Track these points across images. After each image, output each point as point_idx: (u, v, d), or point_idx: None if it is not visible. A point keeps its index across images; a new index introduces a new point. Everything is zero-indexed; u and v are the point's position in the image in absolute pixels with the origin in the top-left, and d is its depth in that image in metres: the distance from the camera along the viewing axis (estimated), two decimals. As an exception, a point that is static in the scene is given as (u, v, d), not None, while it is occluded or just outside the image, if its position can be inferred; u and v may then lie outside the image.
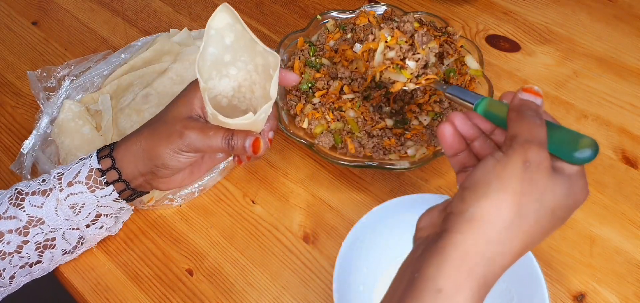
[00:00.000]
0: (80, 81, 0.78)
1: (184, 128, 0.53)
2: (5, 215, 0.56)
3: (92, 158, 0.57)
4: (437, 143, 0.64)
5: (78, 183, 0.56)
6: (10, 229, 0.55)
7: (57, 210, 0.56)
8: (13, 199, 0.56)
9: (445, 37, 0.73)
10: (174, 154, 0.54)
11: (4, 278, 0.57)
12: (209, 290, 0.61)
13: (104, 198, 0.57)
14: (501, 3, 0.88)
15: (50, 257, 0.59)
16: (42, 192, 0.56)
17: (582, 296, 0.59)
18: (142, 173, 0.56)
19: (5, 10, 0.95)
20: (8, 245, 0.55)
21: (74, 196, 0.56)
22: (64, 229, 0.58)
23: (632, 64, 0.78)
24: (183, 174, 0.58)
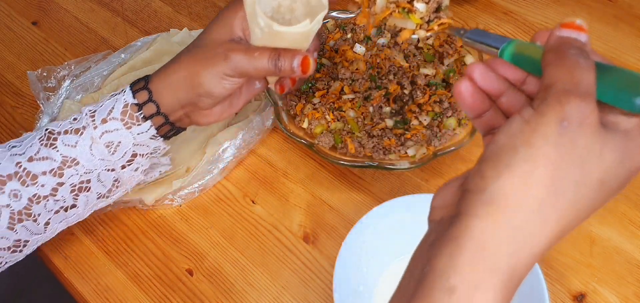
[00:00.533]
0: (80, 81, 0.78)
1: (227, 50, 0.51)
2: (37, 156, 0.53)
3: (126, 92, 0.54)
4: (437, 143, 0.64)
5: (113, 119, 0.53)
6: (44, 170, 0.52)
7: (92, 149, 0.53)
8: (44, 139, 0.53)
9: (445, 37, 0.73)
10: (219, 80, 0.51)
11: (38, 224, 0.54)
12: (209, 290, 0.61)
13: (141, 136, 0.54)
14: (501, 3, 0.88)
15: (85, 201, 0.56)
16: (75, 131, 0.53)
17: (582, 296, 0.59)
18: (183, 105, 0.54)
19: (5, 10, 0.95)
20: (42, 187, 0.53)
21: (109, 134, 0.53)
22: (99, 170, 0.54)
23: (632, 64, 0.78)
24: (222, 106, 0.55)
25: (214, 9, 0.92)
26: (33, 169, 0.53)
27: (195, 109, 0.54)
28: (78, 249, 0.65)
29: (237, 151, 0.69)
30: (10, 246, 0.54)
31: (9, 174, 0.52)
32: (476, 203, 0.32)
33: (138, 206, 0.68)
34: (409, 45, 0.72)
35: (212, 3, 0.93)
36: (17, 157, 0.53)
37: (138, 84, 0.54)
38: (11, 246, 0.54)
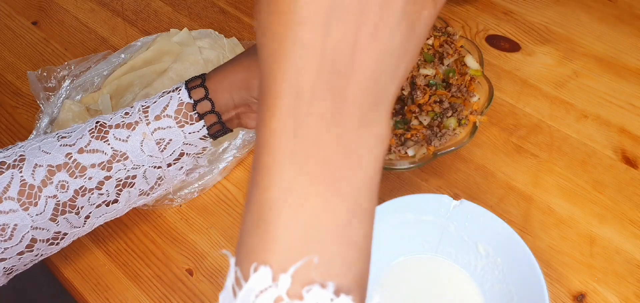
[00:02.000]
0: (80, 81, 0.78)
1: None
2: (88, 148, 0.52)
3: (182, 90, 0.53)
4: (437, 143, 0.64)
5: (167, 116, 0.53)
6: (94, 163, 0.52)
7: (142, 145, 0.53)
8: (95, 132, 0.53)
9: (445, 37, 0.73)
10: None
11: (80, 217, 0.54)
12: (209, 290, 0.61)
13: (192, 135, 0.54)
14: (501, 3, 0.88)
15: (127, 197, 0.56)
16: (127, 125, 0.53)
17: (582, 296, 0.59)
18: (237, 105, 0.54)
19: (5, 10, 0.95)
20: (90, 180, 0.52)
21: (162, 131, 0.53)
22: (146, 166, 0.54)
23: (632, 64, 0.78)
24: None
25: (214, 9, 0.92)
26: (83, 161, 0.52)
27: (248, 111, 0.55)
28: (78, 249, 0.65)
29: (237, 151, 0.69)
30: (50, 238, 0.53)
31: (58, 164, 0.52)
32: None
33: (138, 206, 0.68)
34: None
35: (212, 3, 0.93)
36: (67, 148, 0.52)
37: (194, 81, 0.54)
38: (50, 238, 0.53)
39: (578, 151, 0.69)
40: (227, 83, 0.53)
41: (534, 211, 0.65)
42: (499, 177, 0.68)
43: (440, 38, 0.73)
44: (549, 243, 0.62)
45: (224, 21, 0.90)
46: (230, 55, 0.80)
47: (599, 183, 0.66)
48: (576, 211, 0.64)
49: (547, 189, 0.66)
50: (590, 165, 0.68)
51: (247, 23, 0.89)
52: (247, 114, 0.55)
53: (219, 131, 0.56)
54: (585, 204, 0.65)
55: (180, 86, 0.54)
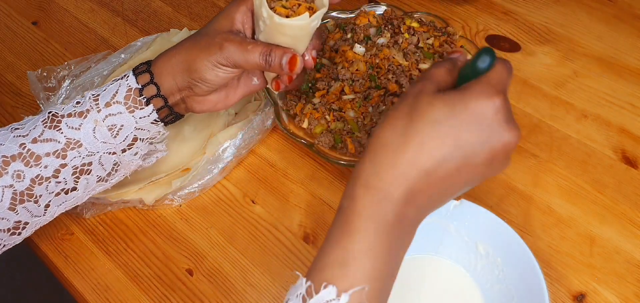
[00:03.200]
0: (80, 81, 0.78)
1: (223, 40, 0.54)
2: (41, 137, 0.54)
3: (129, 77, 0.56)
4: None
5: (116, 103, 0.55)
6: (48, 152, 0.54)
7: (95, 132, 0.55)
8: (48, 121, 0.55)
9: (445, 37, 0.73)
10: (212, 67, 0.54)
11: (39, 206, 0.55)
12: (209, 290, 0.61)
13: (143, 120, 0.56)
14: (501, 3, 0.88)
15: (85, 184, 0.57)
16: (78, 114, 0.55)
17: (582, 296, 0.59)
18: (180, 88, 0.56)
19: (5, 10, 0.95)
20: (45, 169, 0.54)
21: (113, 117, 0.55)
22: (101, 153, 0.56)
23: (632, 64, 0.78)
24: (218, 96, 0.58)
25: (214, 9, 0.92)
26: (37, 151, 0.54)
27: (192, 94, 0.57)
28: (78, 249, 0.65)
29: (237, 151, 0.69)
30: (10, 228, 0.55)
31: (12, 155, 0.53)
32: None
33: (138, 206, 0.68)
34: (409, 44, 0.72)
35: (212, 3, 0.93)
36: (20, 139, 0.54)
37: (140, 67, 0.56)
38: (11, 228, 0.55)
39: (578, 151, 0.69)
40: (169, 67, 0.56)
41: (534, 211, 0.65)
42: (499, 177, 0.68)
43: (440, 38, 0.73)
44: (549, 243, 0.62)
45: (224, 21, 0.90)
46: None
47: (599, 183, 0.66)
48: (576, 211, 0.64)
49: (547, 189, 0.66)
50: (590, 165, 0.68)
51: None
52: (192, 98, 0.57)
53: (168, 116, 0.58)
54: (585, 204, 0.65)
55: (129, 73, 0.56)
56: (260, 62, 0.54)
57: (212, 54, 0.54)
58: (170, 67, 0.56)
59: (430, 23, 0.75)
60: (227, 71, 0.55)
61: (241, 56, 0.53)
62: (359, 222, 0.41)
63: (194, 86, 0.56)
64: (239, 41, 0.54)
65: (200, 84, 0.55)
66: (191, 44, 0.56)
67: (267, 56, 0.53)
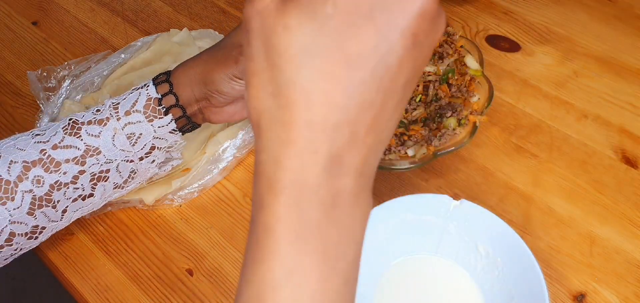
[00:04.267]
0: (80, 81, 0.78)
1: (240, 54, 0.53)
2: (61, 144, 0.55)
3: (149, 86, 0.56)
4: (437, 143, 0.64)
5: (136, 111, 0.56)
6: (68, 158, 0.54)
7: (114, 140, 0.55)
8: (68, 128, 0.55)
9: (445, 37, 0.73)
10: (228, 80, 0.54)
11: (57, 211, 0.56)
12: (209, 290, 0.61)
13: (161, 129, 0.57)
14: (501, 3, 0.88)
15: (102, 191, 0.58)
16: (98, 121, 0.56)
17: (582, 296, 0.59)
18: (197, 99, 0.56)
19: (5, 10, 0.95)
20: (64, 175, 0.54)
21: (132, 126, 0.56)
22: (119, 160, 0.57)
23: (632, 64, 0.78)
24: (235, 107, 0.58)
25: (214, 9, 0.92)
26: (57, 157, 0.54)
27: (209, 105, 0.57)
28: (78, 249, 0.65)
29: (237, 151, 0.69)
30: (28, 232, 0.55)
31: (33, 160, 0.54)
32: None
33: (138, 206, 0.68)
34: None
35: (212, 3, 0.93)
36: (41, 145, 0.55)
37: (160, 77, 0.57)
38: (29, 232, 0.55)
39: (578, 151, 0.69)
40: (187, 78, 0.56)
41: (534, 211, 0.65)
42: (499, 177, 0.68)
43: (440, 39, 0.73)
44: (549, 243, 0.62)
45: (224, 21, 0.90)
46: (230, 55, 0.80)
47: (599, 183, 0.66)
48: (576, 211, 0.64)
49: (547, 189, 0.66)
50: (590, 165, 0.68)
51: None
52: (209, 109, 0.57)
53: (185, 125, 0.59)
54: (585, 204, 0.65)
55: (149, 82, 0.57)
56: None
57: (229, 67, 0.54)
58: (188, 79, 0.56)
59: (430, 23, 0.75)
60: (242, 84, 0.54)
61: None
62: (270, 240, 0.30)
63: (210, 97, 0.56)
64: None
65: (217, 96, 0.56)
66: (208, 57, 0.56)
67: None
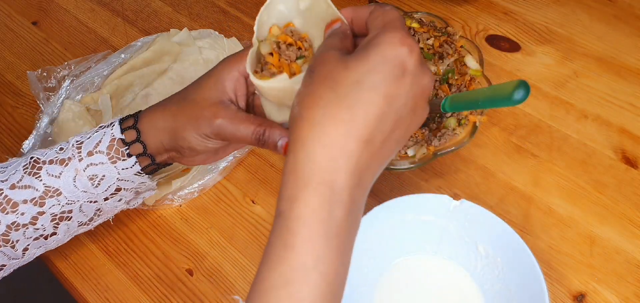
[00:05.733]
0: (80, 81, 0.78)
1: (213, 114, 0.50)
2: (19, 183, 0.52)
3: (115, 126, 0.53)
4: (437, 143, 0.64)
5: (98, 152, 0.53)
6: (25, 199, 0.52)
7: (75, 181, 0.53)
8: (28, 167, 0.53)
9: (445, 37, 0.73)
10: (201, 139, 0.51)
11: (16, 250, 0.54)
12: (209, 290, 0.61)
13: (125, 171, 0.54)
14: (501, 3, 0.88)
15: (66, 229, 0.56)
16: (60, 161, 0.53)
17: (582, 296, 0.59)
18: (167, 149, 0.54)
19: (5, 10, 0.95)
20: (22, 216, 0.52)
21: (94, 167, 0.53)
22: (82, 201, 0.54)
23: (632, 64, 0.78)
24: (207, 154, 0.55)
25: (213, 9, 0.92)
26: (14, 197, 0.52)
27: (179, 155, 0.54)
28: (78, 249, 0.65)
29: (237, 151, 0.69)
30: None
31: None
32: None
33: (138, 207, 0.68)
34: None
35: (212, 3, 0.93)
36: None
37: (127, 121, 0.54)
38: None
39: (578, 151, 0.69)
40: (156, 128, 0.53)
41: (534, 211, 0.65)
42: (499, 177, 0.68)
43: (440, 38, 0.73)
44: (549, 243, 0.62)
45: (224, 21, 0.90)
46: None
47: (599, 183, 0.66)
48: (576, 211, 0.64)
49: (547, 189, 0.66)
50: (590, 165, 0.68)
51: (247, 23, 0.89)
52: (179, 158, 0.54)
53: (150, 166, 0.55)
54: (585, 204, 0.65)
55: (115, 121, 0.54)
56: (252, 140, 0.50)
57: (201, 127, 0.51)
58: (157, 130, 0.53)
59: (431, 23, 0.75)
60: (216, 143, 0.52)
61: (232, 133, 0.50)
62: (304, 230, 0.36)
63: (181, 150, 0.53)
64: (230, 115, 0.50)
65: (188, 151, 0.53)
66: (179, 112, 0.52)
67: (261, 136, 0.49)
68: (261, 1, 0.49)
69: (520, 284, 0.54)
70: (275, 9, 0.48)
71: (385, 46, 0.39)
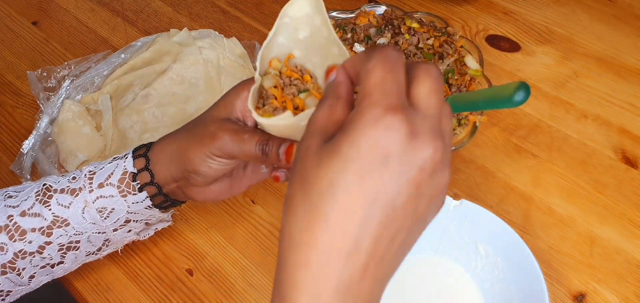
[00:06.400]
0: (80, 81, 0.78)
1: (218, 129, 0.48)
2: (30, 211, 0.52)
3: (128, 159, 0.52)
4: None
5: (109, 185, 0.52)
6: (34, 227, 0.52)
7: (84, 213, 0.52)
8: (40, 195, 0.52)
9: (445, 37, 0.73)
10: (205, 158, 0.49)
11: (22, 277, 0.53)
12: (209, 290, 0.62)
13: (136, 205, 0.53)
14: (501, 3, 0.88)
15: (73, 258, 0.55)
16: (71, 191, 0.52)
17: (582, 296, 0.59)
18: (175, 178, 0.52)
19: (5, 10, 0.95)
20: (30, 244, 0.52)
21: (103, 200, 0.52)
22: (90, 232, 0.54)
23: (632, 64, 0.78)
24: (220, 186, 0.53)
25: (213, 9, 0.92)
26: (23, 225, 0.52)
27: (188, 185, 0.52)
28: (78, 249, 0.65)
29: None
30: None
31: None
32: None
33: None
34: (409, 45, 0.72)
35: (212, 3, 0.93)
36: (10, 209, 0.52)
37: (140, 149, 0.53)
38: None
39: (578, 151, 0.69)
40: (165, 155, 0.52)
41: (534, 211, 0.65)
42: (499, 177, 0.68)
43: (440, 38, 0.73)
44: (549, 243, 0.62)
45: (224, 21, 0.90)
46: (230, 55, 0.80)
47: (599, 183, 0.66)
48: (576, 211, 0.64)
49: (547, 189, 0.66)
50: (590, 165, 0.68)
51: (247, 23, 0.89)
52: (190, 188, 0.52)
53: (163, 202, 0.54)
54: (585, 204, 0.65)
55: (129, 153, 0.53)
56: (256, 152, 0.47)
57: (205, 144, 0.49)
58: (165, 156, 0.51)
59: (431, 23, 0.75)
60: (221, 163, 0.49)
61: (236, 146, 0.48)
62: None
63: (188, 176, 0.51)
64: (234, 129, 0.48)
65: (195, 176, 0.50)
66: (185, 132, 0.51)
67: (264, 145, 0.47)
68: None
69: (520, 284, 0.54)
70: (275, 42, 0.47)
71: (356, 132, 0.32)
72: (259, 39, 0.85)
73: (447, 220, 0.58)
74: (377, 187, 0.32)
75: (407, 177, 0.32)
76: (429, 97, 0.34)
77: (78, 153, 0.69)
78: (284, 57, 0.48)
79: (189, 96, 0.75)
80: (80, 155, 0.69)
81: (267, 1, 0.92)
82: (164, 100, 0.74)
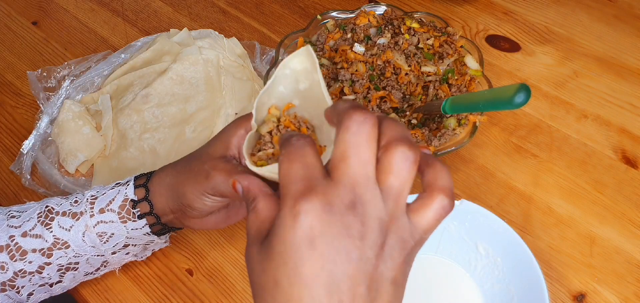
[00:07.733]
0: (80, 81, 0.78)
1: (211, 168, 0.48)
2: (31, 232, 0.53)
3: (129, 186, 0.54)
4: (437, 143, 0.64)
5: (110, 211, 0.53)
6: (35, 248, 0.53)
7: (84, 236, 0.53)
8: (42, 216, 0.54)
9: (445, 37, 0.73)
10: (199, 196, 0.49)
11: (21, 295, 0.55)
12: (209, 290, 0.61)
13: (135, 231, 0.54)
14: (501, 3, 0.88)
15: (72, 278, 0.56)
16: (72, 214, 0.54)
17: (582, 296, 0.59)
18: (172, 210, 0.53)
19: (5, 10, 0.95)
20: (30, 264, 0.53)
21: (104, 224, 0.53)
22: (89, 255, 0.55)
23: (632, 64, 0.78)
24: (217, 217, 0.53)
25: (213, 9, 0.92)
26: (24, 245, 0.53)
27: (185, 216, 0.53)
28: (78, 249, 0.65)
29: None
30: None
31: (0, 245, 0.53)
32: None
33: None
34: (409, 45, 0.72)
35: (212, 3, 0.93)
36: (12, 229, 0.53)
37: (141, 178, 0.54)
38: None
39: (578, 151, 0.69)
40: (163, 187, 0.53)
41: (534, 211, 0.65)
42: (499, 177, 0.68)
43: (440, 38, 0.73)
44: (549, 243, 0.62)
45: (224, 21, 0.90)
46: (230, 55, 0.80)
47: (599, 183, 0.66)
48: (576, 211, 0.64)
49: (547, 189, 0.66)
50: (590, 165, 0.68)
51: (247, 23, 0.89)
52: (186, 219, 0.53)
53: (162, 230, 0.56)
54: (585, 204, 0.65)
55: (130, 180, 0.54)
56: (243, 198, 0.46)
57: (199, 182, 0.49)
58: (163, 188, 0.52)
59: (431, 23, 0.75)
60: (214, 200, 0.50)
61: (227, 188, 0.47)
62: None
63: (184, 209, 0.52)
64: (227, 169, 0.48)
65: (190, 210, 0.51)
66: (182, 167, 0.52)
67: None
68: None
69: (520, 284, 0.54)
70: (275, 90, 0.48)
71: (281, 228, 0.33)
72: (258, 39, 0.86)
73: (447, 219, 0.58)
74: (313, 270, 0.32)
75: (337, 248, 0.32)
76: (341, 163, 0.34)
77: (78, 153, 0.69)
78: (283, 105, 0.48)
79: (189, 96, 0.75)
80: (80, 155, 0.69)
81: (267, 1, 0.92)
82: (164, 100, 0.74)
